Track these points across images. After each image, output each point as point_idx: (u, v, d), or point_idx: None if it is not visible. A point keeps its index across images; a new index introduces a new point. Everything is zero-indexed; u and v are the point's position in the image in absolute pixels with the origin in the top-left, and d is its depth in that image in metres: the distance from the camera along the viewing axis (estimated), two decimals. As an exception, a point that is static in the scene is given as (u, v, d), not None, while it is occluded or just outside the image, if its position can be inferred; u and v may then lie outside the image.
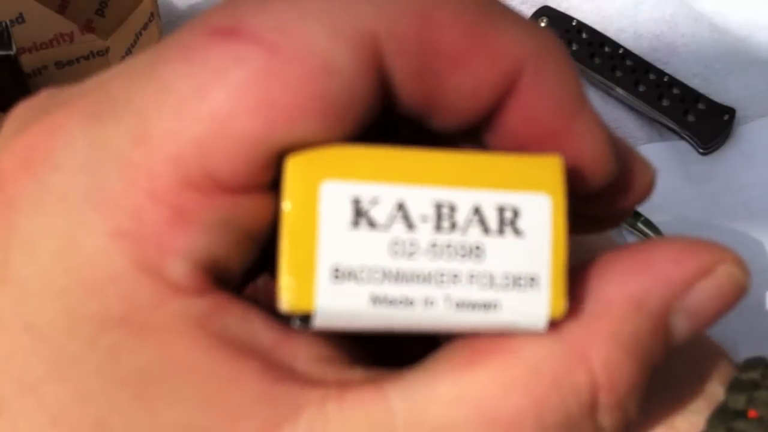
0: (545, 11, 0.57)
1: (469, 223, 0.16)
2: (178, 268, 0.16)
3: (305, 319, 0.16)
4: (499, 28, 0.16)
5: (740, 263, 0.18)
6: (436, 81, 0.16)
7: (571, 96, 0.17)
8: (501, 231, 0.16)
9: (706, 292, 0.18)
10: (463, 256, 0.16)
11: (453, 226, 0.16)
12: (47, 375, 0.15)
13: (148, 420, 0.15)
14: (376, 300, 0.16)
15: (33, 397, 0.15)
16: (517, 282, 0.16)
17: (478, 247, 0.16)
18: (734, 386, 0.21)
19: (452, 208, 0.16)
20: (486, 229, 0.16)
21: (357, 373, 0.16)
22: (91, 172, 0.16)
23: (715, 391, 0.21)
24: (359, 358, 0.17)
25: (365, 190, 0.16)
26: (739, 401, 0.20)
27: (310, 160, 0.16)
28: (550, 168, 0.16)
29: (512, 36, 0.16)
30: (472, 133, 0.17)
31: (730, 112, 0.54)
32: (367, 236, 0.16)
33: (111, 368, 0.15)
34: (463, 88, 0.16)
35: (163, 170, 0.15)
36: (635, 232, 0.51)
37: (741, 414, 0.20)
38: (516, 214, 0.16)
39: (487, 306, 0.16)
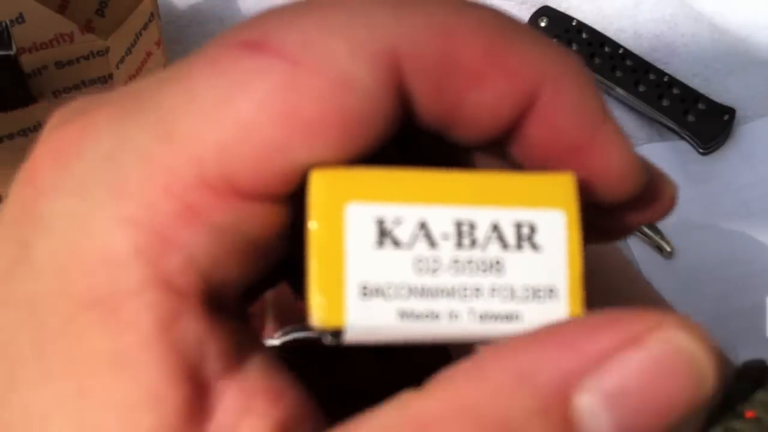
0: (545, 11, 0.58)
1: (488, 239, 0.17)
2: (174, 262, 0.16)
3: (336, 334, 0.16)
4: (518, 46, 0.17)
5: (689, 329, 0.15)
6: (455, 98, 0.17)
7: (591, 110, 0.17)
8: (519, 246, 0.17)
9: (634, 367, 0.14)
10: (484, 270, 0.17)
11: (473, 242, 0.17)
12: (29, 353, 0.16)
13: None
14: (404, 315, 0.16)
15: (11, 372, 0.16)
16: (536, 293, 0.17)
17: (498, 262, 0.17)
18: (732, 387, 0.21)
19: (472, 226, 0.17)
20: (505, 245, 0.17)
21: None
22: (112, 162, 0.16)
23: None
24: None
25: (388, 211, 0.16)
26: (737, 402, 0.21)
27: (333, 181, 0.16)
28: (564, 185, 0.17)
29: (531, 54, 0.17)
30: (494, 145, 0.18)
31: (730, 112, 0.54)
32: (392, 255, 0.16)
33: (75, 350, 0.15)
34: (482, 105, 0.17)
35: (183, 168, 0.16)
36: (635, 232, 0.51)
37: (738, 414, 0.20)
38: (533, 229, 0.17)
39: (509, 317, 0.17)
